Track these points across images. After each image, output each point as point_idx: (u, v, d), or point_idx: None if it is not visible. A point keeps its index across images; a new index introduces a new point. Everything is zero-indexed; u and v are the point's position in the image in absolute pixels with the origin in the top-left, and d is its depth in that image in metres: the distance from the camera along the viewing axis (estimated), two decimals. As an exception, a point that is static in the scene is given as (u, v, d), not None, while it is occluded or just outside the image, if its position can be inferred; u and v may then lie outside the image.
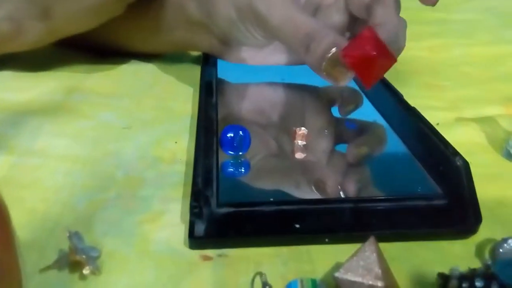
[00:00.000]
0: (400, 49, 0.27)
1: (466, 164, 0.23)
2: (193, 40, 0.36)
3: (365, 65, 0.23)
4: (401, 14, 0.28)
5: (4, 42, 0.33)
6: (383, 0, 0.27)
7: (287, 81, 0.34)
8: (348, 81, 0.25)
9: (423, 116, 0.28)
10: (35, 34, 0.33)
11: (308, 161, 0.25)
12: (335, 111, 0.31)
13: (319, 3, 0.32)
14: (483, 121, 0.30)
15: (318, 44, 0.26)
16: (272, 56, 0.34)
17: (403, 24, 0.28)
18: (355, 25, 0.30)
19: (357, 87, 0.32)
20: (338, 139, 0.28)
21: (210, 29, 0.34)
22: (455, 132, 0.29)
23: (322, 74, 0.26)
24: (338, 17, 0.31)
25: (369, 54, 0.23)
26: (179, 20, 0.35)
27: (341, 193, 0.23)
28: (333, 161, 0.26)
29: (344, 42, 0.25)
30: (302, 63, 0.28)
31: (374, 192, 0.23)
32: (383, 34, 0.24)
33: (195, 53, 0.41)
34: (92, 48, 0.40)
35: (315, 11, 0.32)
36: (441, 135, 0.26)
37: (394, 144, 0.26)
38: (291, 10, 0.28)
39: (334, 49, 0.25)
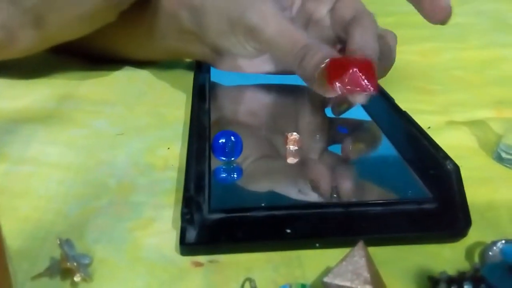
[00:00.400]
0: (390, 65, 0.28)
1: (456, 168, 0.23)
2: (186, 49, 0.36)
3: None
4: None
5: None
6: (361, 22, 0.27)
7: (280, 82, 0.34)
8: (339, 93, 0.25)
9: (414, 120, 0.28)
10: (27, 42, 0.33)
11: (301, 160, 0.25)
12: (329, 112, 0.31)
13: (310, 16, 0.32)
14: (474, 124, 0.31)
15: (312, 57, 0.26)
16: (265, 65, 0.34)
17: (394, 40, 0.29)
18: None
19: None
20: (332, 139, 0.28)
21: (202, 39, 0.34)
22: (446, 135, 0.29)
23: (314, 86, 0.27)
24: (327, 32, 0.31)
25: (361, 87, 0.24)
26: (172, 29, 0.35)
27: (335, 191, 0.23)
28: (327, 161, 0.26)
29: (335, 54, 0.26)
30: (295, 73, 0.28)
31: (364, 196, 0.23)
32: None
33: (188, 60, 0.41)
34: (85, 54, 0.40)
35: (306, 24, 0.32)
36: (432, 139, 0.26)
37: (385, 148, 0.26)
38: (284, 23, 0.28)
39: (327, 61, 0.26)
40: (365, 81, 0.24)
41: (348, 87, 0.24)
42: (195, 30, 0.34)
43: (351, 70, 0.24)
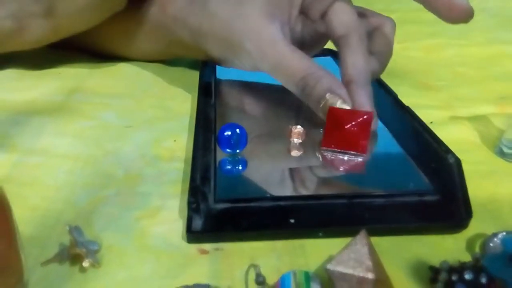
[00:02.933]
0: (387, 59, 0.28)
1: (458, 161, 0.23)
2: (188, 54, 0.37)
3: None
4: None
5: (7, 40, 0.34)
6: (350, 43, 0.27)
7: None
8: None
9: (416, 115, 0.28)
10: (38, 32, 0.34)
11: (304, 153, 0.26)
12: None
13: (307, 17, 0.32)
14: (477, 119, 0.31)
15: (312, 89, 0.26)
16: None
17: (391, 29, 0.29)
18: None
19: None
20: None
21: (203, 51, 0.34)
22: (448, 130, 0.29)
23: (320, 116, 0.27)
24: (323, 32, 0.31)
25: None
26: (173, 42, 0.36)
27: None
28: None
29: (336, 84, 0.26)
30: None
31: (367, 188, 0.23)
32: (364, 95, 0.26)
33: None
34: (81, 51, 0.41)
35: (303, 25, 0.32)
36: (434, 133, 0.26)
37: (387, 141, 0.27)
38: (282, 52, 0.27)
39: (328, 95, 0.26)
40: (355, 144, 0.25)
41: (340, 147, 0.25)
42: (195, 46, 0.34)
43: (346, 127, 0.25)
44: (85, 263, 0.18)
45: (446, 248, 0.20)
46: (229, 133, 0.25)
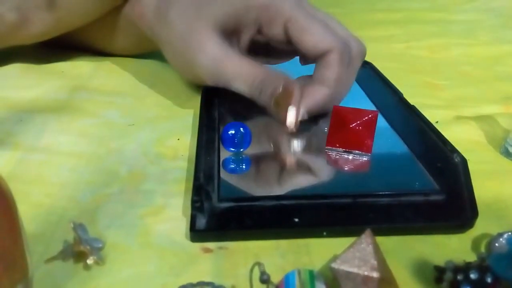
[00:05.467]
0: (330, 106, 0.27)
1: (463, 161, 0.23)
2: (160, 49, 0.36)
3: None
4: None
5: (11, 33, 0.34)
6: (326, 62, 0.28)
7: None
8: (293, 122, 0.27)
9: (422, 114, 0.28)
10: (41, 25, 0.34)
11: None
12: None
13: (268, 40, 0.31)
14: (482, 119, 0.31)
15: (266, 89, 0.27)
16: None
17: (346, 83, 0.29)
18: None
19: (357, 85, 0.33)
20: None
21: None
22: (454, 130, 0.29)
23: (272, 112, 0.28)
24: (287, 47, 0.31)
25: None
26: (146, 38, 0.35)
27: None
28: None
29: (292, 84, 0.27)
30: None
31: (372, 187, 0.23)
32: (317, 96, 0.28)
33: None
34: (65, 47, 0.41)
35: (266, 48, 0.32)
36: (439, 132, 0.26)
37: (393, 141, 0.26)
38: (237, 61, 0.28)
39: (279, 89, 0.27)
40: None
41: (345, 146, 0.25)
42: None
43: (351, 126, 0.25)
44: (89, 261, 0.18)
45: (452, 248, 0.20)
46: (233, 132, 0.25)
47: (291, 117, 0.27)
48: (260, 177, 0.24)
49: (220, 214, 0.21)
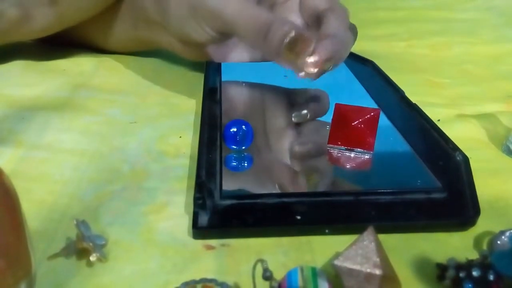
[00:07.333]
0: (341, 60, 0.28)
1: (465, 159, 0.23)
2: (154, 39, 0.36)
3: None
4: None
5: (13, 29, 0.34)
6: (336, 11, 0.28)
7: (289, 78, 0.34)
8: (311, 69, 0.26)
9: (424, 113, 0.28)
10: (43, 21, 0.34)
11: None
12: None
13: (275, 1, 0.32)
14: (484, 117, 0.31)
15: (275, 32, 0.26)
16: (233, 54, 0.34)
17: (351, 38, 0.29)
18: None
19: (356, 79, 0.33)
20: None
21: (167, 28, 0.34)
22: (456, 128, 0.29)
23: (281, 61, 0.27)
24: (294, 17, 0.31)
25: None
26: (140, 20, 0.35)
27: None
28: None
29: (300, 29, 0.26)
30: (264, 60, 0.28)
31: (374, 185, 0.23)
32: (332, 45, 0.26)
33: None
34: (64, 44, 0.41)
35: (270, 8, 0.32)
36: (441, 130, 0.26)
37: (395, 139, 0.26)
38: (243, 2, 0.28)
39: (292, 33, 0.25)
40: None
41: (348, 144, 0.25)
42: (159, 19, 0.34)
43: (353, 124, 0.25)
44: (92, 258, 0.18)
45: (453, 246, 0.20)
46: (235, 129, 0.25)
47: (314, 65, 0.25)
48: (262, 175, 0.24)
49: (222, 212, 0.21)
